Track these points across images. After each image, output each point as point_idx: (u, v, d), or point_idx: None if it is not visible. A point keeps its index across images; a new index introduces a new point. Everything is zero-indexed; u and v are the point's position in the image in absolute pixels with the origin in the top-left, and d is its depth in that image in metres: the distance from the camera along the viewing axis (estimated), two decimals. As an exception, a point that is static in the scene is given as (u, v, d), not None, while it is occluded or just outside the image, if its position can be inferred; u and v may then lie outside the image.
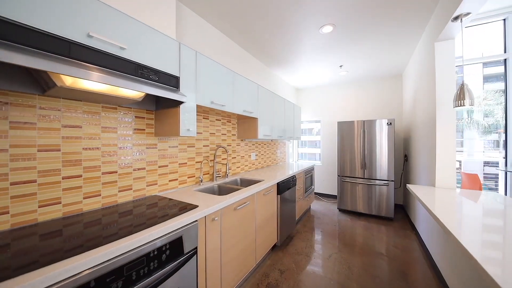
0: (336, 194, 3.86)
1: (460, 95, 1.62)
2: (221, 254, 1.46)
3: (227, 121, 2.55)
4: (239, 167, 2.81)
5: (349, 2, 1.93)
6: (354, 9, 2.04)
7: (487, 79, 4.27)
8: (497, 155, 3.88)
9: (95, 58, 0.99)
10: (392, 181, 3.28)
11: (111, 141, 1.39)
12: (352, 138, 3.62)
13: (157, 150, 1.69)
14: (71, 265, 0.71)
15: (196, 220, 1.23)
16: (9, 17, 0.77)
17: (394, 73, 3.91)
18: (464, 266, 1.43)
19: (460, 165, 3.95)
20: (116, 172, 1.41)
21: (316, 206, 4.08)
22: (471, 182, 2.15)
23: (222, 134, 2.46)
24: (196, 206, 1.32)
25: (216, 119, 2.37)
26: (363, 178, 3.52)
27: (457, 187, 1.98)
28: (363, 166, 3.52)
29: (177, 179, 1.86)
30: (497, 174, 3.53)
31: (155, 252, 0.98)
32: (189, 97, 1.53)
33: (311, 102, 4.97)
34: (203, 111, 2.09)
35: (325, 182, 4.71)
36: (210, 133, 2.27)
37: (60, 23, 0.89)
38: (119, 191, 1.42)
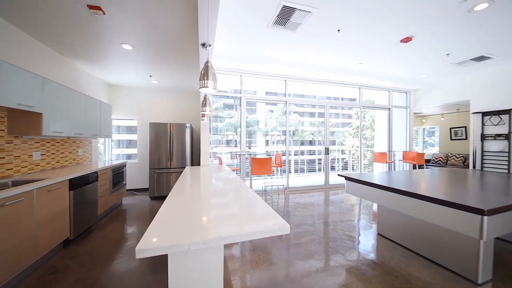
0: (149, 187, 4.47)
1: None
2: (-22, 253, 1.41)
3: (-13, 113, 2.08)
4: (12, 169, 2.36)
5: (144, 36, 2.61)
6: (147, 41, 2.75)
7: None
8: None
9: None
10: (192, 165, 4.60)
11: None
12: (165, 137, 4.43)
13: None
14: None
15: None
16: None
17: (196, 90, 5.37)
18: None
19: (232, 155, 6.49)
20: None
21: (129, 200, 4.37)
22: (220, 161, 3.96)
23: (-25, 128, 1.97)
24: None
25: (-37, 110, 1.87)
26: (171, 168, 4.49)
27: (212, 164, 3.50)
28: (171, 159, 4.49)
29: None
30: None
31: None
32: None
33: (127, 101, 5.07)
34: None
35: (141, 178, 5.11)
36: (-52, 127, 1.76)
37: None
38: None
